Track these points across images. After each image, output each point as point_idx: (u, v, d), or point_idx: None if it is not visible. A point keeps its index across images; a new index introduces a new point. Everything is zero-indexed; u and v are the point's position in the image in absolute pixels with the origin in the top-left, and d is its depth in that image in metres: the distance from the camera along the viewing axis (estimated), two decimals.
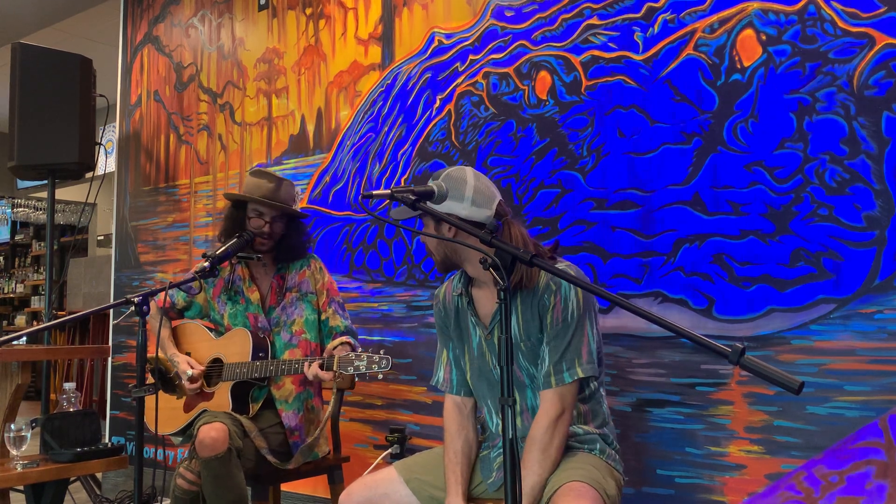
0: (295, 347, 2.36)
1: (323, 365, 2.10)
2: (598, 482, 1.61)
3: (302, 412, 2.35)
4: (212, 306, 2.45)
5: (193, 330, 2.47)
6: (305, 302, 2.41)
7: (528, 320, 1.74)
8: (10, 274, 9.33)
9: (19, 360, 2.64)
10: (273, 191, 2.33)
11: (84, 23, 5.34)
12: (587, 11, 2.42)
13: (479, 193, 1.72)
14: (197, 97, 3.68)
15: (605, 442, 1.79)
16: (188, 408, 2.36)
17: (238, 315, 2.40)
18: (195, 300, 2.46)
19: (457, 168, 1.77)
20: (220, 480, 2.06)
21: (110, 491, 3.69)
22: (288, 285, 2.43)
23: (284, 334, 2.38)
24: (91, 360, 5.72)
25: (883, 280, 1.88)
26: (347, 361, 2.05)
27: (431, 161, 2.77)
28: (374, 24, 3.00)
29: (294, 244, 2.41)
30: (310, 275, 2.44)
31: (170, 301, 2.44)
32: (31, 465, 2.47)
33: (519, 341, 1.75)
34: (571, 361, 1.69)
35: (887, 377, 1.85)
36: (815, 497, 1.90)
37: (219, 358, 2.35)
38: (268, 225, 2.34)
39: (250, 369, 2.23)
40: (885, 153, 1.89)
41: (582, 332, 1.71)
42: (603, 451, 1.77)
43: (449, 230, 1.75)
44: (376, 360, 2.01)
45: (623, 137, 2.31)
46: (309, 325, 2.39)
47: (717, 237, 2.12)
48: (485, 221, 1.68)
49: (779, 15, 2.07)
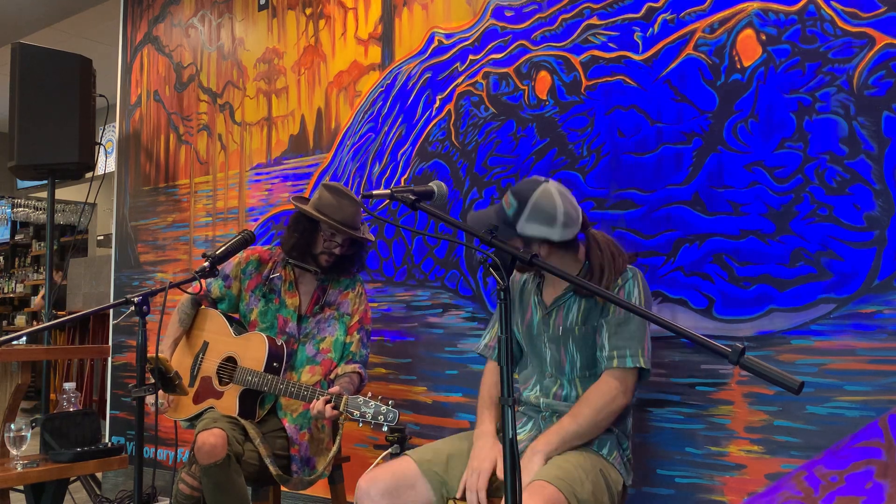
0: (317, 365, 2.35)
1: (330, 400, 2.08)
2: (568, 484, 1.62)
3: (307, 429, 2.32)
4: (243, 298, 2.44)
5: (215, 319, 2.45)
6: (341, 322, 2.40)
7: (591, 307, 1.87)
8: (10, 274, 9.32)
9: (19, 360, 2.64)
10: (353, 216, 2.31)
11: (84, 23, 5.34)
12: (587, 11, 2.42)
13: (567, 216, 1.82)
14: (197, 97, 3.68)
15: (619, 445, 1.84)
16: (198, 398, 2.36)
17: (269, 313, 2.39)
18: (230, 291, 2.46)
19: (544, 190, 1.81)
20: (221, 486, 2.05)
21: (110, 491, 3.69)
22: (328, 300, 2.42)
23: (310, 348, 2.36)
24: (91, 360, 5.72)
25: (883, 280, 1.88)
26: (355, 406, 2.03)
27: (431, 161, 2.77)
28: (374, 24, 3.00)
29: (351, 263, 2.41)
30: (353, 297, 2.42)
31: (206, 289, 2.43)
32: (31, 465, 2.47)
33: (574, 325, 1.87)
34: (635, 350, 1.80)
35: (887, 377, 1.85)
36: (814, 497, 1.90)
37: (233, 357, 2.35)
38: (339, 248, 2.34)
39: (261, 381, 2.22)
40: (885, 153, 1.89)
41: (644, 326, 1.82)
42: (611, 453, 1.79)
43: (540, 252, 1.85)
44: (383, 411, 1.99)
45: (623, 137, 2.31)
46: (337, 345, 2.37)
47: (717, 237, 2.12)
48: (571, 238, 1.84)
49: (779, 15, 2.07)
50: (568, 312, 1.91)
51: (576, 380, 1.88)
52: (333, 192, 2.32)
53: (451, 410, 2.65)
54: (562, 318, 1.91)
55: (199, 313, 2.49)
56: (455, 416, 2.64)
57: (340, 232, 2.31)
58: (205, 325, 2.46)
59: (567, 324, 1.89)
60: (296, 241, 2.36)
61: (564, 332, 1.90)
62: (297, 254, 2.36)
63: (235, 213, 3.45)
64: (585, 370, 1.87)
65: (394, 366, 2.82)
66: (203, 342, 2.42)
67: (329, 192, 2.32)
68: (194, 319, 2.48)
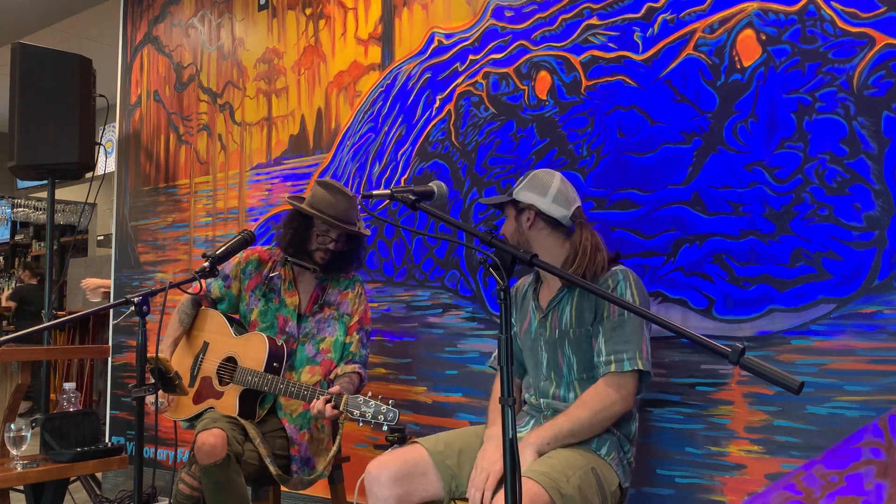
0: (317, 365, 2.35)
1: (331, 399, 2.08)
2: (551, 480, 1.63)
3: (306, 429, 2.32)
4: (243, 298, 2.44)
5: (215, 319, 2.45)
6: (340, 322, 2.40)
7: (584, 310, 1.87)
8: (10, 274, 9.32)
9: (19, 360, 2.64)
10: (346, 210, 2.31)
11: (84, 23, 5.34)
12: (587, 11, 2.42)
13: (560, 194, 1.94)
14: (197, 97, 3.68)
15: (619, 447, 1.83)
16: (198, 399, 2.36)
17: (269, 313, 2.39)
18: (230, 292, 2.46)
19: (546, 171, 2.01)
20: (221, 487, 2.05)
21: (110, 491, 3.69)
22: (328, 300, 2.41)
23: (310, 347, 2.36)
24: (91, 360, 5.72)
25: (883, 280, 1.88)
26: (355, 405, 2.03)
27: (431, 161, 2.77)
28: (374, 24, 3.00)
29: (349, 260, 2.41)
30: (352, 297, 2.42)
31: (206, 289, 2.43)
32: (31, 465, 2.47)
33: (569, 328, 1.88)
34: (633, 353, 1.79)
35: (887, 377, 1.85)
36: (814, 497, 1.90)
37: (233, 357, 2.34)
38: (334, 243, 2.34)
39: (262, 381, 2.22)
40: (885, 153, 1.89)
41: (640, 328, 1.81)
42: (609, 453, 1.79)
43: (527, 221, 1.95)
44: (383, 410, 2.00)
45: (623, 137, 2.31)
46: (337, 346, 2.37)
47: (717, 237, 2.12)
48: (561, 220, 1.93)
49: (779, 15, 2.07)
50: (562, 314, 1.91)
51: (574, 382, 1.88)
52: (327, 188, 2.33)
53: (451, 410, 2.65)
54: (557, 320, 1.92)
55: (200, 314, 2.49)
56: (455, 416, 2.64)
57: (333, 227, 2.31)
58: (205, 326, 2.46)
59: (562, 326, 1.90)
60: (291, 237, 2.36)
61: (560, 334, 1.90)
62: (294, 250, 2.36)
63: (235, 213, 3.45)
64: (583, 373, 1.87)
65: (394, 366, 2.82)
66: (203, 342, 2.42)
67: (322, 187, 2.33)
68: (194, 320, 2.48)
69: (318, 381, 2.32)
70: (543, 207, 1.92)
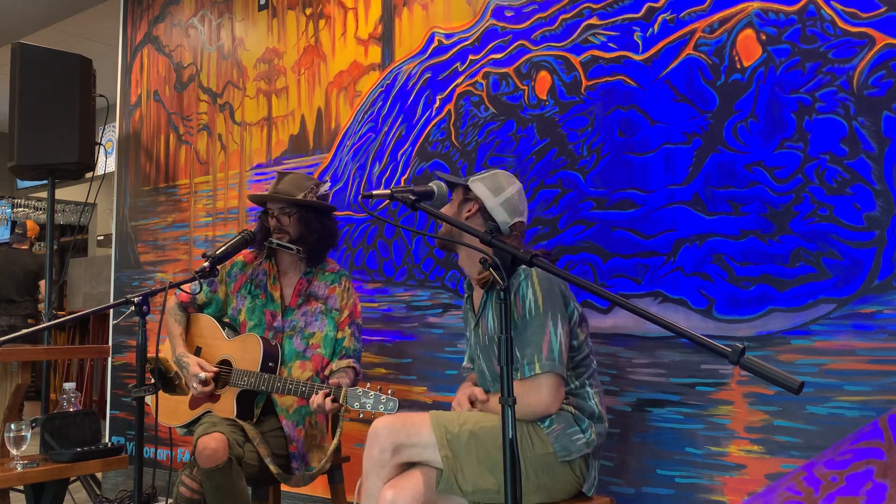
0: (307, 360, 2.35)
1: (330, 393, 2.08)
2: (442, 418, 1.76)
3: (302, 426, 2.32)
4: (230, 301, 2.45)
5: (206, 324, 2.45)
6: (329, 318, 2.39)
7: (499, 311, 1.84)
8: None
9: (19, 360, 2.64)
10: (290, 184, 2.36)
11: (84, 23, 5.34)
12: (587, 11, 2.42)
13: (510, 202, 1.94)
14: (197, 97, 3.68)
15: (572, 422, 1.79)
16: (194, 404, 2.36)
17: (256, 310, 2.39)
18: (216, 296, 2.46)
19: (509, 176, 2.00)
20: (222, 490, 2.05)
21: (110, 491, 3.69)
22: (314, 292, 2.41)
23: (298, 341, 2.36)
24: (91, 360, 5.72)
25: (883, 280, 1.88)
26: (354, 396, 2.04)
27: (431, 161, 2.77)
28: (374, 24, 3.00)
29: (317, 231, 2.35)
30: (340, 292, 2.42)
31: (192, 295, 2.44)
32: (31, 465, 2.47)
33: (494, 333, 1.86)
34: (531, 357, 1.75)
35: (887, 377, 1.85)
36: (814, 497, 1.90)
37: (228, 360, 2.34)
38: (275, 219, 2.35)
39: (258, 381, 2.22)
40: (885, 153, 1.89)
41: (542, 329, 1.75)
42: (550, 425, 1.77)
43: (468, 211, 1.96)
44: (383, 400, 2.01)
45: (623, 137, 2.31)
46: (327, 341, 2.37)
47: (717, 237, 2.12)
48: (500, 224, 1.93)
49: (779, 15, 2.07)
50: (488, 321, 1.92)
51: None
52: (278, 175, 2.42)
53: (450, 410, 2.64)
54: (485, 326, 1.93)
55: (191, 319, 2.49)
56: None
57: (273, 200, 2.34)
58: (196, 331, 2.46)
59: (490, 332, 1.90)
60: (257, 228, 2.41)
61: (489, 340, 1.92)
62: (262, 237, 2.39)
63: (235, 213, 3.45)
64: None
65: (394, 366, 2.82)
66: (196, 347, 2.42)
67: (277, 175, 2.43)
68: (186, 325, 2.49)
69: (309, 377, 2.32)
70: (489, 205, 1.93)
